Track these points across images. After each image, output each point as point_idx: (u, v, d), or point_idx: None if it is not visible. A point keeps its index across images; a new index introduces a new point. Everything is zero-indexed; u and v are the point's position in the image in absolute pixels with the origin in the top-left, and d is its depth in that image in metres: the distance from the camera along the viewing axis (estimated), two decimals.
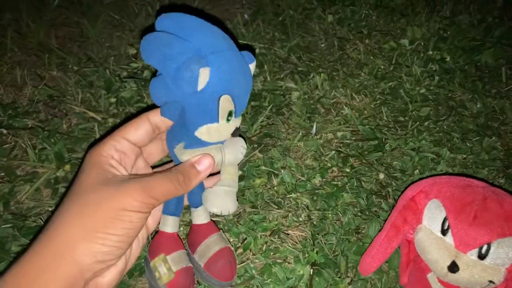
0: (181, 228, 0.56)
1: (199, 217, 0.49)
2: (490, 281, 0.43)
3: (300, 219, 0.57)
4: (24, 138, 0.65)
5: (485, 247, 0.43)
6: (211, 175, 0.42)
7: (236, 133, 0.42)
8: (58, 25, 0.93)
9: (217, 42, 0.38)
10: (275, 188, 0.61)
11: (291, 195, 0.60)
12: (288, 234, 0.56)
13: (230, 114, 0.39)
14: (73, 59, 0.82)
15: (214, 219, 0.56)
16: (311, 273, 0.52)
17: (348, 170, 0.63)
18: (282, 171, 0.62)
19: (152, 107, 0.39)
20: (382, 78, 0.78)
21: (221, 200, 0.43)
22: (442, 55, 0.83)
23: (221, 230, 0.51)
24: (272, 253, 0.54)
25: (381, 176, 0.62)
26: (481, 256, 0.43)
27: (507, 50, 0.84)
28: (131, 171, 0.39)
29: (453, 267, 0.44)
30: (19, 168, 0.63)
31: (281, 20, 0.93)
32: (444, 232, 0.46)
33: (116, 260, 0.35)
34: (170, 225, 0.47)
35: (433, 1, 1.00)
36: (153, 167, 0.45)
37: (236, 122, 0.41)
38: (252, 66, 0.42)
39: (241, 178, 0.62)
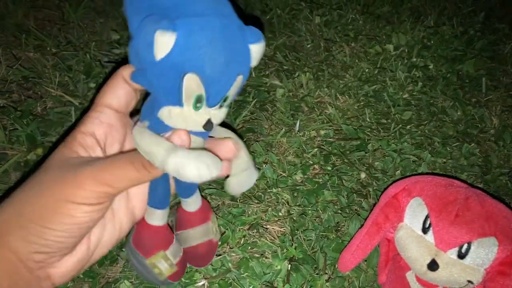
0: None
1: (189, 205, 0.43)
2: (469, 281, 0.43)
3: (280, 214, 0.56)
4: None
5: (465, 246, 0.43)
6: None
7: (209, 127, 0.32)
8: (38, 7, 0.89)
9: (202, 3, 0.29)
10: (256, 182, 0.60)
11: (271, 190, 0.59)
12: (267, 228, 0.55)
13: (198, 99, 0.30)
14: (52, 42, 0.79)
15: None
16: (289, 268, 0.50)
17: (329, 168, 0.63)
18: (264, 166, 0.61)
19: None
20: (367, 81, 0.79)
21: (248, 184, 0.39)
22: (426, 63, 0.84)
23: (211, 216, 0.45)
24: (249, 247, 0.53)
25: (363, 175, 0.62)
26: (461, 256, 0.43)
27: (487, 62, 0.86)
28: (124, 147, 0.35)
29: (433, 265, 0.43)
30: None
31: (268, 19, 0.92)
32: (425, 230, 0.45)
33: (62, 253, 0.31)
34: (159, 218, 0.40)
35: (417, 11, 1.01)
36: None
37: (209, 112, 0.31)
38: (256, 47, 0.31)
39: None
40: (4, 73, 0.71)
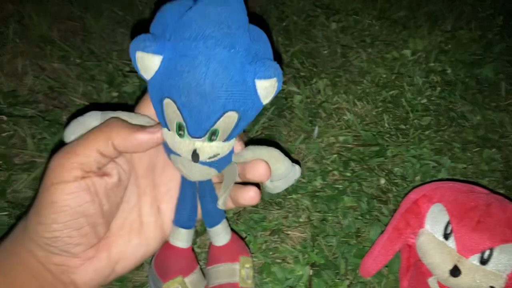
0: None
1: (215, 238, 0.40)
2: (491, 287, 0.43)
3: (300, 220, 0.57)
4: (24, 127, 0.64)
5: (487, 252, 0.43)
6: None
7: (195, 159, 0.31)
8: (61, 18, 0.92)
9: (209, 28, 0.27)
10: None
11: (291, 196, 0.60)
12: (288, 234, 0.56)
13: (180, 128, 0.29)
14: (75, 52, 0.81)
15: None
16: (310, 273, 0.51)
17: (349, 174, 0.63)
18: None
19: None
20: (384, 87, 0.79)
21: (287, 185, 0.38)
22: (444, 67, 0.84)
23: (242, 259, 0.41)
24: (271, 253, 0.53)
25: (382, 181, 0.62)
26: (483, 261, 0.43)
27: (506, 65, 0.85)
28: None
29: (455, 271, 0.43)
30: (17, 156, 0.62)
31: (285, 26, 0.93)
32: (446, 236, 0.46)
33: (79, 252, 0.31)
34: (184, 238, 0.38)
35: (434, 16, 1.01)
36: None
37: (194, 143, 0.30)
38: (264, 84, 0.29)
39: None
40: (31, 83, 0.74)
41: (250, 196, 0.35)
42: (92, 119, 0.32)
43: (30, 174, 0.59)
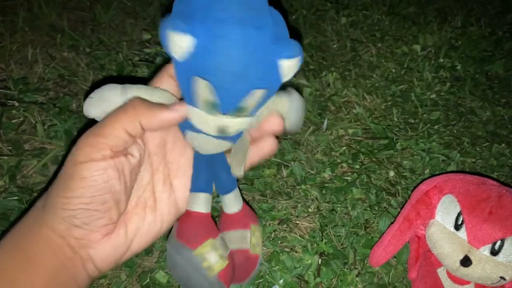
0: None
1: (228, 206, 0.40)
2: (502, 277, 0.43)
3: (310, 210, 0.57)
4: (34, 114, 0.64)
5: (498, 243, 0.43)
6: None
7: (224, 134, 0.32)
8: (70, 8, 0.92)
9: (233, 10, 0.28)
10: (285, 179, 0.61)
11: (300, 187, 0.60)
12: (296, 224, 0.56)
13: (211, 106, 0.30)
14: (85, 42, 0.81)
15: None
16: (319, 263, 0.51)
17: (357, 166, 0.63)
18: (292, 163, 0.62)
19: None
20: (393, 81, 0.79)
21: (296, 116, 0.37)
22: (453, 63, 0.84)
23: (253, 226, 0.41)
24: (280, 242, 0.54)
25: (391, 174, 0.62)
26: (494, 252, 0.43)
27: None
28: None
29: (466, 261, 0.43)
30: (27, 143, 0.62)
31: (294, 19, 0.93)
32: (457, 227, 0.46)
33: (97, 227, 0.31)
34: (203, 203, 0.38)
35: (444, 12, 1.01)
36: None
37: (223, 119, 0.31)
38: (288, 63, 0.30)
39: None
40: (41, 71, 0.74)
41: (269, 143, 0.37)
42: (112, 93, 0.32)
43: (40, 160, 0.59)
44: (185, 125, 0.34)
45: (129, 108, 0.31)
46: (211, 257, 0.36)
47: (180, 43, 0.28)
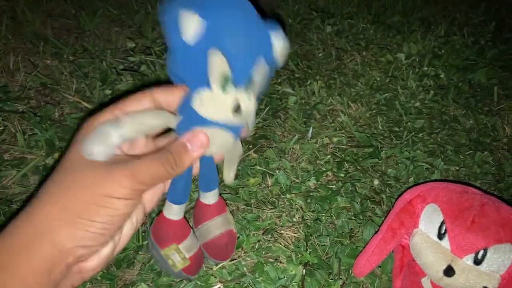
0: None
1: (208, 198, 0.46)
2: (485, 287, 0.43)
3: (294, 219, 0.57)
4: (14, 123, 0.63)
5: (481, 252, 0.43)
6: None
7: (239, 111, 0.34)
8: (55, 16, 0.92)
9: (225, 1, 0.33)
10: (270, 188, 0.60)
11: (285, 196, 0.59)
12: (281, 234, 0.55)
13: (226, 80, 0.33)
14: (69, 50, 0.80)
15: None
16: (303, 273, 0.51)
17: (342, 175, 0.63)
18: (277, 172, 0.62)
19: None
20: (378, 89, 0.79)
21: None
22: (437, 72, 0.84)
23: (227, 209, 0.50)
24: (264, 252, 0.53)
25: (376, 182, 0.62)
26: (477, 262, 0.43)
27: (499, 71, 0.86)
28: (129, 150, 0.36)
29: (449, 271, 0.43)
30: (7, 152, 0.61)
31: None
32: (440, 236, 0.45)
33: (101, 246, 0.33)
34: (176, 213, 0.43)
35: (428, 21, 1.02)
36: None
37: (237, 95, 0.34)
38: (276, 35, 0.34)
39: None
40: (23, 79, 0.73)
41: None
42: (112, 133, 0.32)
43: (19, 170, 0.58)
44: (191, 122, 0.35)
45: (165, 162, 0.33)
46: (175, 257, 0.44)
47: (193, 25, 0.31)
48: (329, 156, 0.65)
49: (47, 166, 0.59)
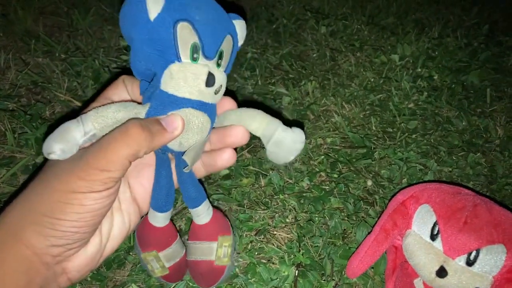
0: None
1: (197, 217, 0.41)
2: None
3: (287, 220, 0.56)
4: (4, 121, 0.62)
5: (473, 253, 0.43)
6: None
7: (211, 81, 0.32)
8: (47, 13, 0.91)
9: None
10: (263, 188, 0.60)
11: (278, 196, 0.59)
12: (274, 234, 0.55)
13: (195, 50, 0.31)
14: (61, 48, 0.80)
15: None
16: (296, 274, 0.50)
17: (336, 175, 0.63)
18: (271, 172, 0.62)
19: None
20: (372, 90, 0.79)
21: (286, 152, 0.36)
22: (430, 73, 0.85)
23: (222, 238, 0.42)
24: (257, 253, 0.53)
25: (369, 183, 0.62)
26: (470, 263, 0.43)
27: (491, 73, 0.87)
28: None
29: (442, 272, 0.43)
30: None
31: (275, 28, 0.93)
32: (433, 237, 0.45)
33: (79, 244, 0.31)
34: (159, 221, 0.40)
35: (421, 23, 1.02)
36: None
37: (208, 65, 0.32)
38: (238, 22, 0.35)
39: (228, 177, 0.61)
40: (14, 77, 0.72)
41: (226, 156, 0.37)
42: (73, 129, 0.30)
43: (9, 169, 0.57)
44: (162, 107, 0.33)
45: (131, 141, 0.29)
46: (153, 264, 0.41)
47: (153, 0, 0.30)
48: (322, 157, 0.65)
49: (37, 165, 0.59)
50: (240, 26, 0.36)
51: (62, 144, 0.29)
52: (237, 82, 0.78)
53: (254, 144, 0.66)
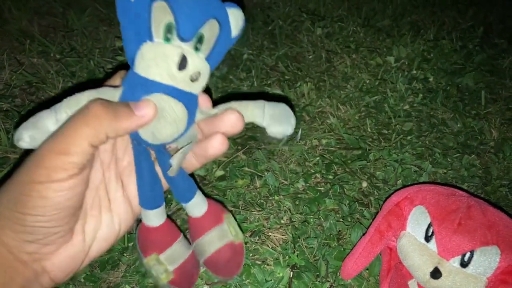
0: None
1: (193, 210, 0.38)
2: None
3: (282, 221, 0.56)
4: None
5: (468, 255, 0.43)
6: None
7: (184, 64, 0.30)
8: (42, 13, 0.90)
9: None
10: (258, 189, 0.60)
11: (273, 198, 0.59)
12: (269, 236, 0.55)
13: (169, 29, 0.29)
14: (56, 48, 0.79)
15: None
16: (291, 275, 0.50)
17: (331, 177, 0.63)
18: (266, 173, 0.62)
19: None
20: (367, 92, 0.79)
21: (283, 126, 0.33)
22: (426, 75, 0.85)
23: (225, 217, 0.40)
24: (251, 254, 0.53)
25: (364, 184, 0.62)
26: (464, 264, 0.43)
27: (486, 75, 0.87)
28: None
29: (436, 274, 0.43)
30: None
31: (270, 30, 0.93)
32: (427, 238, 0.45)
33: (55, 240, 0.29)
34: (152, 219, 0.37)
35: (417, 25, 1.03)
36: None
37: (182, 47, 0.30)
38: (233, 11, 0.32)
39: (223, 178, 0.61)
40: (8, 77, 0.72)
41: (217, 143, 0.33)
42: (45, 117, 0.29)
43: (2, 170, 0.57)
44: (134, 90, 0.31)
45: (92, 119, 0.27)
46: (157, 269, 0.37)
47: None
48: (317, 158, 0.65)
49: None
50: (234, 14, 0.32)
51: (32, 131, 0.28)
52: (232, 83, 0.78)
53: (250, 145, 0.66)
